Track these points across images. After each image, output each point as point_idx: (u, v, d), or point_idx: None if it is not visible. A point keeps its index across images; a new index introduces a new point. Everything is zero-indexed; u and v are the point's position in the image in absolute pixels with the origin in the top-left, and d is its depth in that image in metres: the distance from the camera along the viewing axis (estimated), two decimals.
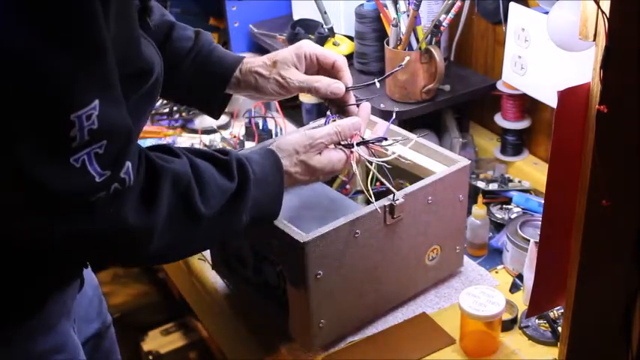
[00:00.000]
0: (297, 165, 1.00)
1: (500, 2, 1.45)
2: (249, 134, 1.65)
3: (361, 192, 1.24)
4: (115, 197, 0.76)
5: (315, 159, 1.01)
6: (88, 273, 1.12)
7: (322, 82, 1.08)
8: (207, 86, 1.14)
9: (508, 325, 1.12)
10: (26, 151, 0.68)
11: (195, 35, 1.14)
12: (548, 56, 1.30)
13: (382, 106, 1.43)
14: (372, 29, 1.52)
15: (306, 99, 1.66)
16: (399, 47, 1.41)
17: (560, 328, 1.06)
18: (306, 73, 1.11)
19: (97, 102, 0.70)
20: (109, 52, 0.71)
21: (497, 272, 1.25)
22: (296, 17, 1.81)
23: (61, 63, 0.67)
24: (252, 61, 1.12)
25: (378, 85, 1.12)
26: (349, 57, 1.57)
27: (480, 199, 1.28)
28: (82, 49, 0.68)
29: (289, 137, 1.03)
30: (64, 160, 0.70)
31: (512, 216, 1.33)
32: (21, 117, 0.68)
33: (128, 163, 0.76)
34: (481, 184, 1.41)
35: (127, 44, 0.79)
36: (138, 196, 0.79)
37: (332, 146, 1.03)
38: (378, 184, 1.23)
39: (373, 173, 1.14)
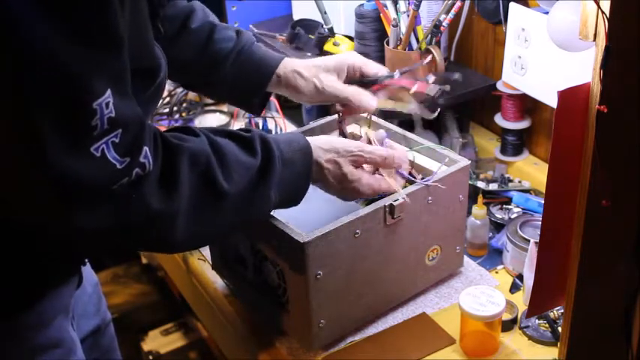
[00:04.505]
0: (331, 162, 1.00)
1: (500, 2, 1.45)
2: None
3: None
4: (136, 183, 0.76)
5: (349, 168, 1.01)
6: (87, 270, 1.13)
7: (355, 95, 1.11)
8: (248, 85, 1.17)
9: (508, 325, 1.12)
10: (49, 143, 0.69)
11: (237, 35, 1.17)
12: (548, 56, 1.30)
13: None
14: (372, 29, 1.52)
15: None
16: (399, 47, 1.41)
17: (560, 328, 1.06)
18: (346, 82, 1.14)
19: (110, 91, 0.71)
20: (124, 46, 0.73)
21: (497, 272, 1.25)
22: (296, 17, 1.81)
23: (81, 54, 0.68)
24: (295, 61, 1.16)
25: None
26: None
27: (480, 199, 1.28)
28: (100, 42, 0.70)
29: (339, 138, 1.06)
30: (86, 149, 0.72)
31: (512, 216, 1.33)
32: (44, 109, 0.69)
33: (145, 148, 0.77)
34: (481, 184, 1.41)
35: (139, 41, 0.80)
36: (158, 180, 0.79)
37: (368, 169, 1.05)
38: None
39: None
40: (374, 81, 1.15)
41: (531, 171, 1.48)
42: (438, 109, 1.16)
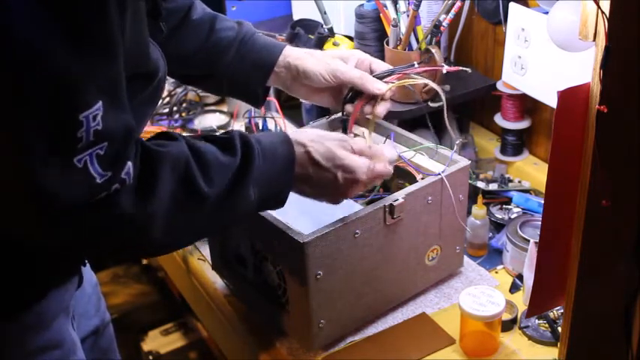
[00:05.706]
0: (314, 141, 0.95)
1: (500, 2, 1.45)
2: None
3: (362, 196, 1.24)
4: (113, 194, 0.75)
5: (334, 144, 0.96)
6: (86, 271, 1.13)
7: (366, 77, 1.12)
8: (252, 73, 1.16)
9: (508, 325, 1.12)
10: (31, 152, 0.68)
11: (238, 25, 1.17)
12: (548, 56, 1.30)
13: None
14: (372, 29, 1.52)
15: None
16: (398, 47, 1.41)
17: (560, 328, 1.06)
18: None
19: (100, 103, 0.70)
20: (119, 56, 0.72)
21: (497, 272, 1.25)
22: (296, 17, 1.81)
23: (75, 64, 0.67)
24: (298, 48, 1.17)
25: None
26: None
27: (480, 199, 1.28)
28: (96, 51, 0.69)
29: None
30: (68, 160, 0.70)
31: (512, 216, 1.33)
32: (30, 117, 0.68)
33: (129, 164, 0.76)
34: (481, 184, 1.41)
35: (137, 47, 0.80)
36: (135, 186, 0.78)
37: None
38: (381, 189, 1.23)
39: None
40: (390, 73, 1.15)
41: (531, 171, 1.48)
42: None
